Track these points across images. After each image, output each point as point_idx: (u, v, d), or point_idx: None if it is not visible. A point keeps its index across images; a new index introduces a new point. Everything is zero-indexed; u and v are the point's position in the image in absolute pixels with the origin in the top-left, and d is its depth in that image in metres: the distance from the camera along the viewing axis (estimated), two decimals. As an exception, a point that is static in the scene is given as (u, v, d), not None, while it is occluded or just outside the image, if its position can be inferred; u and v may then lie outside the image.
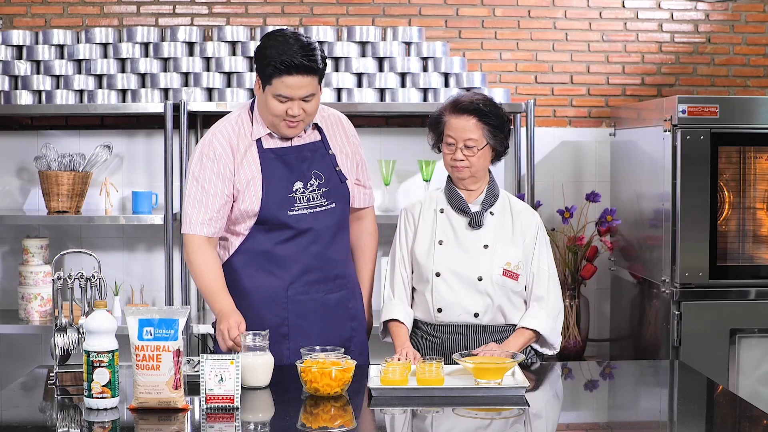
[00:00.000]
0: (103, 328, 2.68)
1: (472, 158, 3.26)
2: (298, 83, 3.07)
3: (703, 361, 4.03)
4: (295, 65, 3.05)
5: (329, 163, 3.26)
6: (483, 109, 3.26)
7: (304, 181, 3.20)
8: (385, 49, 4.69)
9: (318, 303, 3.24)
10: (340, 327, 3.29)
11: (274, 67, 3.05)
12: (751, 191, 4.27)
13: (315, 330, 3.23)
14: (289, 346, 3.20)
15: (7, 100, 4.59)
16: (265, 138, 3.20)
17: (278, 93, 3.08)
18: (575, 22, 4.99)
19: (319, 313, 3.24)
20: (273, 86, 3.08)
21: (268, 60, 3.07)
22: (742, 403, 2.90)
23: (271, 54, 3.06)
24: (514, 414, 2.74)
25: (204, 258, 3.18)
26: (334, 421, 2.68)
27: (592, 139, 5.00)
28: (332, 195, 3.25)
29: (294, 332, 3.21)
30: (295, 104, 3.10)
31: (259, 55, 3.12)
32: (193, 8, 4.90)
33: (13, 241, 4.85)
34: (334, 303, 3.28)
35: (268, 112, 3.13)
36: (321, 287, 3.25)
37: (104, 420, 2.61)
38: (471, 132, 3.26)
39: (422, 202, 3.41)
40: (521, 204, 3.41)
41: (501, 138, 3.29)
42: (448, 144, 3.29)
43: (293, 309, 3.21)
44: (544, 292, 3.31)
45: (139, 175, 4.85)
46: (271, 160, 3.18)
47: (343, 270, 3.31)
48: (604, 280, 4.97)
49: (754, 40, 5.03)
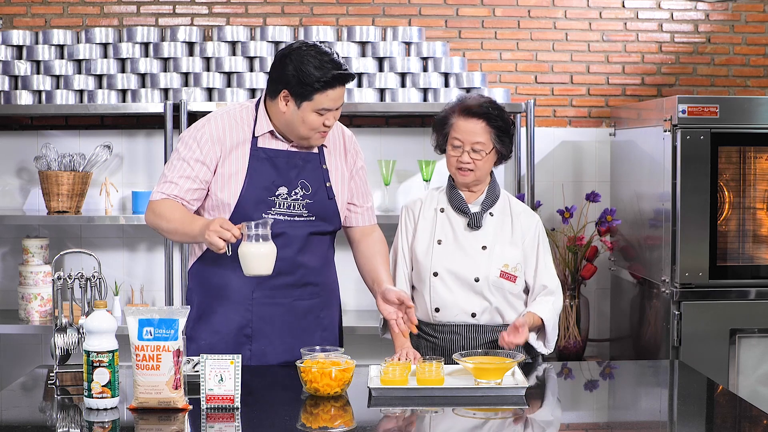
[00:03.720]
0: (103, 328, 2.68)
1: (479, 162, 3.25)
2: (339, 95, 3.08)
3: (703, 361, 4.03)
4: (337, 78, 3.03)
5: (320, 176, 3.21)
6: (492, 113, 3.26)
7: (290, 188, 3.16)
8: (385, 49, 4.69)
9: (285, 308, 3.18)
10: (309, 335, 3.22)
11: (316, 83, 3.02)
12: (751, 191, 4.27)
13: (279, 335, 3.18)
14: (251, 347, 3.18)
15: (7, 100, 4.59)
16: (263, 137, 3.18)
17: (322, 107, 3.05)
18: (575, 22, 4.99)
19: (286, 319, 3.19)
20: (314, 102, 3.04)
21: (306, 78, 3.02)
22: (742, 403, 2.90)
23: (308, 71, 3.02)
24: (513, 414, 2.74)
25: (171, 203, 3.11)
26: (334, 421, 2.68)
27: (592, 139, 5.00)
28: (315, 208, 3.18)
29: (257, 335, 3.17)
30: (331, 114, 3.10)
31: (289, 73, 3.05)
32: (193, 8, 4.90)
33: (13, 241, 4.85)
34: (303, 310, 3.21)
35: (305, 127, 3.09)
36: (289, 293, 3.18)
37: (104, 420, 2.61)
38: (479, 135, 3.25)
39: (423, 201, 3.41)
40: (522, 206, 3.41)
41: (507, 143, 3.29)
42: (455, 146, 3.28)
43: (257, 312, 3.17)
44: (555, 286, 3.31)
45: (139, 175, 4.86)
46: (262, 159, 3.16)
47: (316, 278, 3.23)
48: (604, 280, 4.97)
49: (754, 40, 5.03)
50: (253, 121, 3.19)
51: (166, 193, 3.13)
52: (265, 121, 3.17)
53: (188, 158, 3.14)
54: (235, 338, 3.17)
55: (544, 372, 3.25)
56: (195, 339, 3.21)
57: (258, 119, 3.18)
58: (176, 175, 3.13)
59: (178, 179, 3.13)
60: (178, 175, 3.13)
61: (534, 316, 3.26)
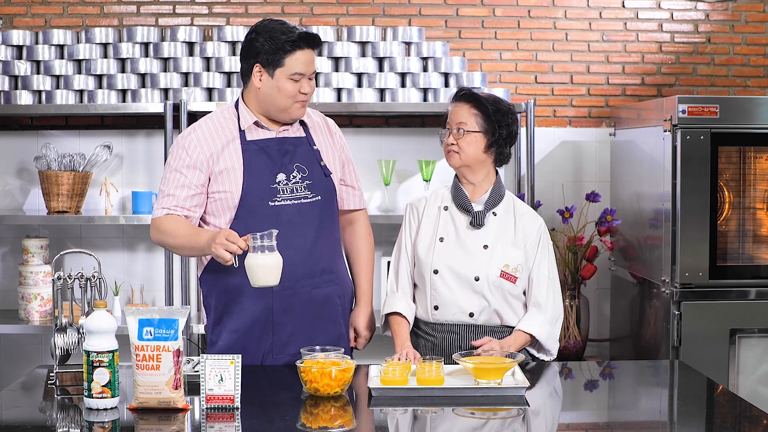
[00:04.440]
0: (103, 328, 2.68)
1: (460, 141, 3.27)
2: (310, 58, 3.16)
3: (703, 361, 4.03)
4: (303, 38, 3.13)
5: (313, 158, 3.27)
6: (477, 96, 3.30)
7: (287, 173, 3.21)
8: (385, 49, 4.69)
9: (304, 298, 3.21)
10: (332, 324, 3.28)
11: (284, 44, 3.11)
12: (751, 191, 4.27)
13: (300, 325, 3.21)
14: (273, 339, 3.20)
15: (7, 100, 4.59)
16: (249, 130, 3.22)
17: (293, 71, 3.13)
18: (575, 22, 4.99)
19: (306, 308, 3.22)
20: (286, 67, 3.14)
21: (273, 43, 3.12)
22: (742, 403, 2.90)
23: (274, 37, 3.13)
24: (514, 414, 2.74)
25: (174, 218, 3.16)
26: (334, 421, 2.68)
27: (592, 139, 5.00)
28: (317, 188, 3.25)
29: (278, 327, 3.20)
30: (306, 81, 3.17)
31: (258, 46, 3.15)
32: (193, 8, 4.90)
33: (13, 241, 4.85)
34: (322, 299, 3.25)
35: (282, 96, 3.16)
36: (306, 282, 3.21)
37: (104, 420, 2.61)
38: (463, 116, 3.28)
39: (428, 198, 3.42)
40: (526, 207, 3.41)
41: (492, 124, 3.27)
42: (446, 130, 3.33)
43: (278, 304, 3.19)
44: (543, 298, 3.30)
45: (139, 175, 4.85)
46: (254, 151, 3.20)
47: (329, 265, 3.28)
48: (604, 280, 4.97)
49: (754, 40, 5.03)
50: (236, 118, 3.24)
51: (167, 207, 3.17)
52: (248, 113, 3.23)
53: (179, 167, 3.18)
54: (258, 333, 3.19)
55: (544, 372, 3.25)
56: (216, 342, 3.24)
57: (240, 114, 3.24)
58: (171, 187, 3.18)
59: (174, 190, 3.18)
60: (173, 186, 3.18)
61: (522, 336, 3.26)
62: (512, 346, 3.20)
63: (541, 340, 3.26)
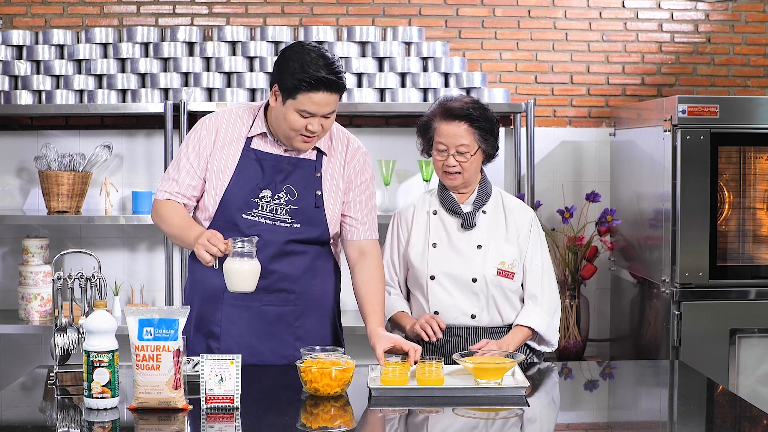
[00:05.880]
0: (103, 328, 2.68)
1: (465, 164, 3.24)
2: (325, 101, 3.00)
3: (703, 361, 4.03)
4: (324, 82, 2.96)
5: (311, 183, 3.16)
6: (473, 114, 3.24)
7: (273, 191, 3.13)
8: (385, 49, 4.69)
9: (253, 312, 3.17)
10: (281, 343, 3.19)
11: (301, 81, 2.96)
12: (751, 191, 4.27)
13: (247, 338, 3.17)
14: (219, 346, 3.18)
15: (7, 100, 4.59)
16: (257, 138, 3.17)
17: (303, 109, 3.00)
18: (575, 22, 4.99)
19: (254, 323, 3.17)
20: (297, 101, 2.99)
21: (294, 74, 2.97)
22: (742, 403, 2.90)
23: (296, 68, 2.97)
24: (513, 414, 2.74)
25: (172, 205, 3.17)
26: (334, 421, 2.68)
27: (592, 139, 5.00)
28: (300, 215, 3.14)
29: (225, 334, 3.18)
30: (316, 120, 3.02)
31: (282, 67, 3.01)
32: (193, 8, 4.90)
33: (13, 241, 4.85)
34: (273, 316, 3.18)
35: (286, 126, 3.04)
36: (258, 297, 3.12)
37: (104, 420, 2.61)
38: (462, 138, 3.23)
39: (415, 205, 3.40)
40: (514, 200, 3.40)
41: (491, 141, 3.28)
42: (440, 150, 3.27)
43: (226, 311, 3.17)
44: (538, 289, 3.30)
45: (139, 175, 4.86)
46: (251, 160, 3.15)
47: (292, 286, 3.18)
48: (604, 280, 4.97)
49: (754, 40, 5.03)
50: (252, 122, 3.19)
51: (168, 192, 3.19)
52: (261, 122, 3.16)
53: (188, 153, 3.19)
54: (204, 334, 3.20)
55: (544, 372, 3.25)
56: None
57: (255, 120, 3.18)
58: (176, 170, 3.19)
59: (178, 175, 3.18)
60: (178, 170, 3.19)
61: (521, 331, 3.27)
62: (511, 344, 3.20)
63: (541, 331, 3.27)
